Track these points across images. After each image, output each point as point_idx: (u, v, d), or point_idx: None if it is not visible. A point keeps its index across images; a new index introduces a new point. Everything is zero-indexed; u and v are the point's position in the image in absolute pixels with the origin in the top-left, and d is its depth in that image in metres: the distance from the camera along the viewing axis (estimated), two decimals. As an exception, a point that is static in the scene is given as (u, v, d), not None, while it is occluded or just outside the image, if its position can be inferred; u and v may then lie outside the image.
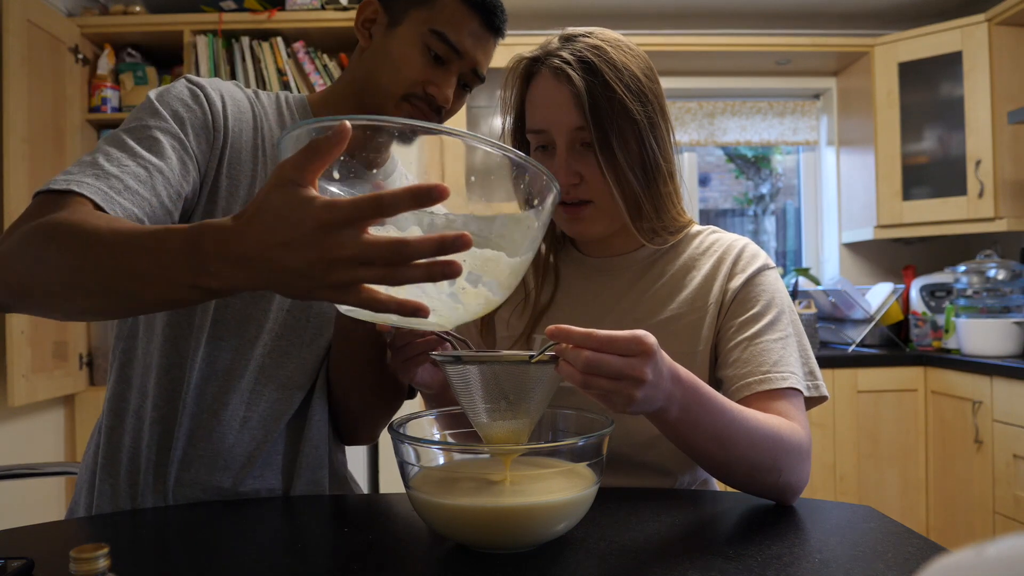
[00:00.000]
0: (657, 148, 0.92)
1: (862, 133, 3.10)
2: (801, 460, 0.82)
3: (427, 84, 0.92)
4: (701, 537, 0.73)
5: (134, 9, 2.64)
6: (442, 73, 0.93)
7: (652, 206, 0.94)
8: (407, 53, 0.92)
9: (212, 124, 0.89)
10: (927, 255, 3.30)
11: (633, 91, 0.90)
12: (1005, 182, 2.73)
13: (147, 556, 0.68)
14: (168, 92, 0.89)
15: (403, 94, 0.93)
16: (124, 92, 2.62)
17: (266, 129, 0.95)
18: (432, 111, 0.94)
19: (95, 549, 0.45)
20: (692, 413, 0.73)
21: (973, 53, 2.76)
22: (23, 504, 2.22)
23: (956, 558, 0.26)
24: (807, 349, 0.94)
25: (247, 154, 0.92)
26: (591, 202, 0.93)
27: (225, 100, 0.91)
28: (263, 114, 0.95)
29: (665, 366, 0.69)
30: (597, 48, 0.91)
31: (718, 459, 0.78)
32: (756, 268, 0.95)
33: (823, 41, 3.02)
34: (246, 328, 0.93)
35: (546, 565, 0.65)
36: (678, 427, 0.74)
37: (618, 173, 0.90)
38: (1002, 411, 2.32)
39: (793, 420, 0.84)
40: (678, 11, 3.20)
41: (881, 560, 0.65)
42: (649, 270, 0.99)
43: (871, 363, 2.69)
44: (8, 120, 2.08)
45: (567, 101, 0.89)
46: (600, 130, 0.88)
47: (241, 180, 0.91)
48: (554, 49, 0.93)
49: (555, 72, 0.90)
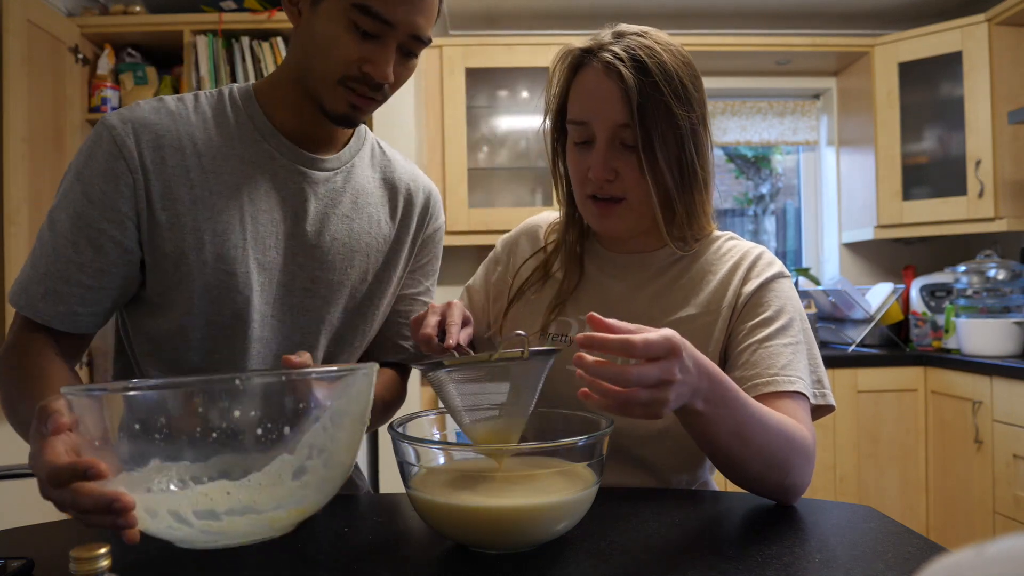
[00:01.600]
0: (696, 156, 0.92)
1: (862, 133, 3.10)
2: (807, 461, 0.82)
3: (362, 63, 0.84)
4: (701, 537, 0.73)
5: (134, 9, 2.64)
6: (376, 48, 0.84)
7: (686, 212, 0.94)
8: (333, 32, 0.83)
9: (130, 171, 0.85)
10: (927, 255, 3.30)
11: (680, 97, 0.90)
12: (1005, 182, 2.73)
13: (147, 556, 0.68)
14: (87, 166, 0.86)
15: (338, 78, 0.85)
16: (124, 92, 2.62)
17: (197, 136, 0.89)
18: (373, 90, 0.87)
19: (95, 549, 0.45)
20: (716, 405, 0.73)
21: (973, 53, 2.76)
22: (23, 504, 2.22)
23: (956, 558, 0.26)
24: (816, 358, 0.94)
25: (178, 174, 0.87)
26: (623, 199, 0.93)
27: (140, 139, 0.86)
28: (193, 122, 0.90)
29: (692, 360, 0.68)
30: (650, 49, 0.90)
31: (735, 454, 0.77)
32: (771, 275, 0.95)
33: (823, 41, 3.02)
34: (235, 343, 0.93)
35: (546, 565, 0.65)
36: (701, 420, 0.73)
37: (657, 174, 0.90)
38: (1002, 411, 2.32)
39: (799, 423, 0.84)
40: (678, 11, 3.20)
41: (881, 560, 0.65)
42: (667, 271, 1.00)
43: (871, 363, 2.69)
44: (8, 120, 2.08)
45: (615, 96, 0.89)
46: (644, 129, 0.88)
47: (179, 201, 0.87)
48: (606, 43, 0.92)
49: (606, 66, 0.89)
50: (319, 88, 0.87)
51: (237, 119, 0.92)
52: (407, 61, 0.89)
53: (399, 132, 2.60)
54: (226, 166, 0.89)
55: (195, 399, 0.59)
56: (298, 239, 0.93)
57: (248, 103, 0.93)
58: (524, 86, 3.04)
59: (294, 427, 0.61)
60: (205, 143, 0.89)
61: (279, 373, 0.63)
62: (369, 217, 0.99)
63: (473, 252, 3.12)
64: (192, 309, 0.88)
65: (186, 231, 0.86)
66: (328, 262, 0.95)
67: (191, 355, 0.91)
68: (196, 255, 0.87)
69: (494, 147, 3.10)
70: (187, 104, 0.91)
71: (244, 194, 0.89)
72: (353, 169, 0.99)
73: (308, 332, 0.96)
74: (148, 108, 0.89)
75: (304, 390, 0.62)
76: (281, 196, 0.92)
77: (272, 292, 0.92)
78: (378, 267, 1.01)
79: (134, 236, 0.87)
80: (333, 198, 0.96)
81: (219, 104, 0.93)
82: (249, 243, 0.89)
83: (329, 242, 0.95)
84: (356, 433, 0.66)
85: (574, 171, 0.95)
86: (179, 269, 0.87)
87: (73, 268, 0.85)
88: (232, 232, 0.88)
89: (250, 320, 0.90)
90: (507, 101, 3.09)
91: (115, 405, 0.59)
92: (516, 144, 3.09)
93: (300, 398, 0.62)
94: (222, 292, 0.88)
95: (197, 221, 0.87)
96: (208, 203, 0.87)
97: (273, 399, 0.62)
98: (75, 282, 0.86)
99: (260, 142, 0.92)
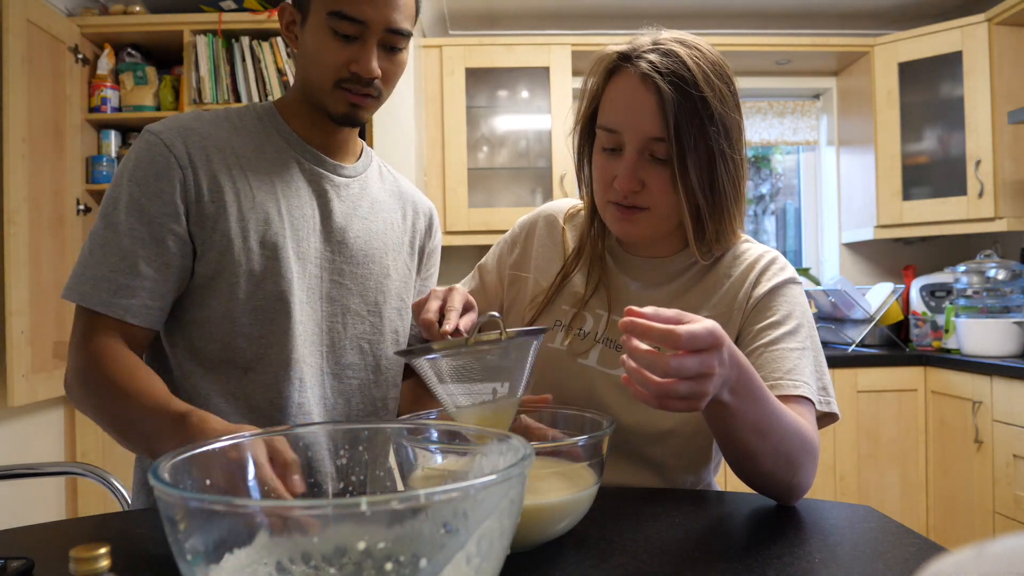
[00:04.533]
0: (729, 176, 0.90)
1: (862, 133, 3.10)
2: (814, 463, 0.82)
3: (349, 64, 0.94)
4: (701, 537, 0.73)
5: (134, 9, 2.64)
6: (358, 48, 0.94)
7: (716, 231, 0.93)
8: (319, 42, 0.94)
9: (180, 167, 0.93)
10: (927, 255, 3.30)
11: (718, 113, 0.87)
12: (1005, 182, 2.73)
13: (147, 556, 0.68)
14: (138, 168, 0.92)
15: (332, 83, 0.95)
16: (124, 92, 2.61)
17: (234, 139, 0.98)
18: (365, 86, 0.95)
19: (95, 549, 0.45)
20: (742, 398, 0.72)
21: (973, 53, 2.76)
22: (23, 504, 2.22)
23: (956, 558, 0.26)
24: (823, 366, 0.94)
25: (222, 169, 0.95)
26: (647, 209, 0.91)
27: (187, 140, 0.94)
28: (227, 128, 0.99)
29: (729, 352, 0.68)
30: (691, 61, 0.87)
31: (752, 448, 0.77)
32: (782, 280, 0.95)
33: (823, 41, 3.02)
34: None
35: (546, 565, 0.65)
36: (726, 411, 0.73)
37: (689, 191, 0.88)
38: (1002, 411, 2.32)
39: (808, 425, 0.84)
40: (678, 11, 3.20)
41: (881, 560, 0.65)
42: (684, 274, 0.99)
43: (871, 363, 2.69)
44: (8, 120, 2.08)
45: (650, 108, 0.86)
46: (679, 145, 0.86)
47: (225, 192, 0.94)
48: (644, 50, 0.89)
49: (643, 76, 0.87)
50: (320, 95, 0.97)
51: (264, 128, 1.01)
52: (393, 56, 0.97)
53: (399, 132, 2.60)
54: (261, 165, 0.98)
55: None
56: (327, 233, 1.01)
57: (271, 116, 1.03)
58: (524, 86, 3.04)
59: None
60: (241, 145, 0.98)
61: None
62: (384, 221, 1.08)
63: (473, 252, 3.12)
64: (238, 293, 0.93)
65: (232, 220, 0.93)
66: (353, 256, 1.03)
67: (238, 340, 0.94)
68: (242, 242, 0.93)
69: (494, 147, 3.10)
70: (219, 116, 1.01)
71: (279, 188, 0.98)
72: (367, 180, 1.09)
73: (334, 321, 1.02)
74: (188, 116, 0.98)
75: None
76: (310, 195, 1.01)
77: (306, 280, 0.99)
78: (399, 265, 1.10)
79: (187, 229, 0.93)
80: (354, 201, 1.05)
81: (247, 116, 1.02)
82: (287, 232, 0.96)
83: (353, 239, 1.03)
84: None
85: (599, 176, 0.93)
86: (225, 257, 0.93)
87: (141, 262, 0.90)
88: (273, 221, 0.95)
89: (292, 303, 0.95)
90: (507, 101, 3.09)
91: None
92: (516, 144, 3.09)
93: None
94: (266, 276, 0.94)
95: (242, 211, 0.94)
96: (249, 195, 0.95)
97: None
98: (144, 275, 0.90)
99: (286, 148, 1.01)
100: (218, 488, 0.56)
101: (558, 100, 2.96)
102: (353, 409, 1.03)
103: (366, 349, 1.04)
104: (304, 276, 0.98)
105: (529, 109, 3.05)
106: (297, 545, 0.47)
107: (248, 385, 0.95)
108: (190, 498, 0.42)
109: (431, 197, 2.92)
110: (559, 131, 2.96)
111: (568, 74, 2.95)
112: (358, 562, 0.47)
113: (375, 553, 0.47)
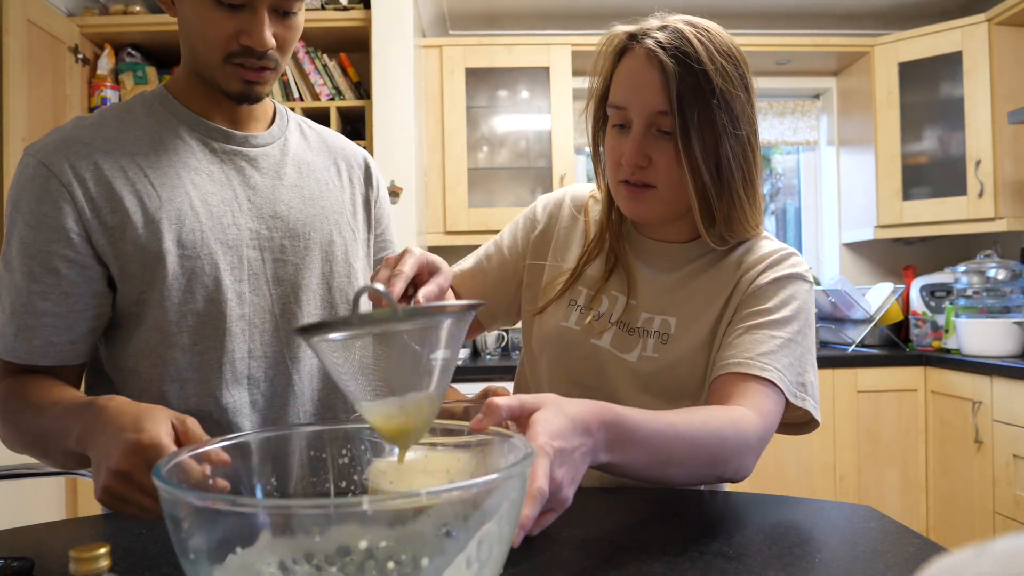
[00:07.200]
0: (735, 155, 0.90)
1: (862, 133, 3.10)
2: (743, 455, 0.80)
3: (239, 36, 0.84)
4: (701, 537, 0.73)
5: (134, 9, 2.64)
6: (248, 17, 0.84)
7: (724, 218, 0.93)
8: (201, 13, 0.83)
9: (64, 186, 0.84)
10: (927, 255, 3.30)
11: (722, 91, 0.88)
12: (1005, 182, 2.73)
13: (147, 556, 0.68)
14: (21, 196, 0.85)
15: (222, 58, 0.86)
16: (124, 92, 2.62)
17: (124, 139, 0.89)
18: (259, 59, 0.86)
19: (95, 549, 0.45)
20: (622, 449, 0.71)
21: (973, 53, 2.76)
22: (23, 504, 2.22)
23: (956, 558, 0.26)
24: (808, 364, 0.91)
25: (117, 176, 0.87)
26: (654, 187, 0.92)
27: (69, 154, 0.86)
28: (117, 127, 0.90)
29: (569, 443, 0.64)
30: (696, 38, 0.89)
31: (656, 476, 0.77)
32: (788, 273, 0.94)
33: (823, 41, 3.02)
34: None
35: (543, 564, 0.65)
36: (613, 468, 0.72)
37: (693, 165, 0.88)
38: (1002, 411, 2.32)
39: (753, 408, 0.82)
40: (678, 11, 3.19)
41: (881, 560, 0.65)
42: (695, 262, 0.99)
43: (871, 363, 2.69)
44: (8, 120, 2.08)
45: (654, 83, 0.88)
46: (682, 117, 0.87)
47: (125, 200, 0.86)
48: (651, 29, 0.91)
49: (648, 52, 0.89)
50: (209, 72, 0.88)
51: (157, 117, 0.93)
52: (286, 21, 0.88)
53: (399, 132, 2.60)
54: (161, 158, 0.90)
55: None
56: (255, 212, 0.94)
57: (164, 101, 0.94)
58: (524, 86, 3.04)
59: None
60: (133, 141, 0.89)
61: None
62: (317, 182, 1.01)
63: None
64: (166, 304, 0.87)
65: (139, 227, 0.86)
66: (291, 229, 0.96)
67: (176, 353, 0.89)
68: (157, 248, 0.86)
69: (494, 147, 3.10)
70: (103, 116, 0.92)
71: (187, 178, 0.90)
72: (287, 143, 1.01)
73: (288, 302, 0.96)
74: (68, 126, 0.90)
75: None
76: (225, 176, 0.93)
77: (243, 269, 0.92)
78: (342, 227, 1.02)
79: (88, 250, 0.86)
80: (276, 170, 0.98)
81: (136, 107, 0.93)
82: (205, 225, 0.89)
83: (286, 211, 0.96)
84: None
85: (610, 155, 0.95)
86: (145, 268, 0.87)
87: (36, 298, 0.85)
88: (186, 216, 0.88)
89: (224, 301, 0.90)
90: (507, 101, 3.09)
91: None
92: (516, 144, 3.09)
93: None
94: (191, 279, 0.88)
95: (148, 213, 0.87)
96: (153, 194, 0.87)
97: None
98: (42, 311, 0.85)
99: (188, 132, 0.93)
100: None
101: (558, 100, 2.96)
102: (322, 391, 0.99)
103: None
104: (242, 265, 0.92)
105: (529, 109, 3.05)
106: (300, 545, 0.47)
107: (194, 396, 0.90)
108: (193, 497, 0.43)
109: (431, 197, 2.91)
110: (559, 131, 2.96)
111: (568, 74, 2.95)
112: (360, 562, 0.47)
113: (377, 553, 0.47)
